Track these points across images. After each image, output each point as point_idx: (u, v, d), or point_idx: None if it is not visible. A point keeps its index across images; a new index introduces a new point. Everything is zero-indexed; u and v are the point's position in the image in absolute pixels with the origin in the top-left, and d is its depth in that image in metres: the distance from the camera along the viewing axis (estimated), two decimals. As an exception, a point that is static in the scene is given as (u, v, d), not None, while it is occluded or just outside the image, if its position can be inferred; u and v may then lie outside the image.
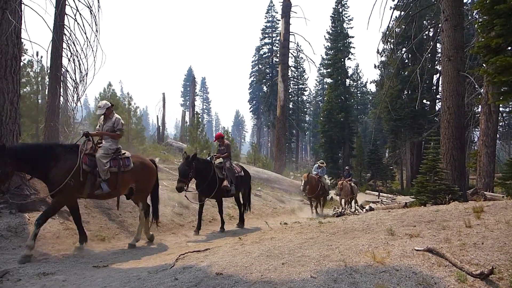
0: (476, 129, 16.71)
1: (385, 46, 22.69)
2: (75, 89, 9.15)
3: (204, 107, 78.02)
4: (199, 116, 22.11)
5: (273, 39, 42.13)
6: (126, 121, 14.34)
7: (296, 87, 40.43)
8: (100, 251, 5.46)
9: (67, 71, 9.41)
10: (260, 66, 43.50)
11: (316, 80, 52.83)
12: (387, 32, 15.76)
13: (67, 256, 4.99)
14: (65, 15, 9.26)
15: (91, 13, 8.28)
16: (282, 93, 23.59)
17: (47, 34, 8.23)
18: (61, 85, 10.05)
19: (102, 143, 5.63)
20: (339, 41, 31.08)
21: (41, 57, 12.54)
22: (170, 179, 11.05)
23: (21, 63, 7.07)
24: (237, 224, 8.73)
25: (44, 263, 4.55)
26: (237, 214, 10.14)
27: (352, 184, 14.79)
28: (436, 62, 24.80)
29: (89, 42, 8.40)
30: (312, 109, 49.42)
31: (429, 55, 21.22)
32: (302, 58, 36.92)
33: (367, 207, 12.19)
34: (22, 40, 6.64)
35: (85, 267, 4.45)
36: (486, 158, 11.75)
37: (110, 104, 5.77)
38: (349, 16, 31.97)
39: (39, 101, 12.18)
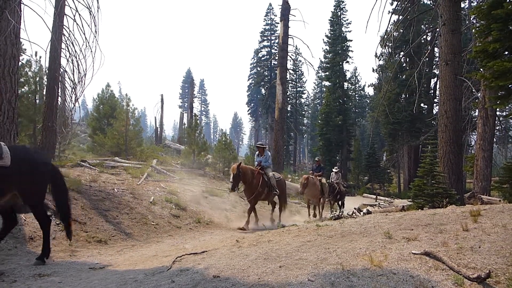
0: (473, 133, 16.78)
1: (383, 50, 22.87)
2: (73, 90, 9.12)
3: (203, 109, 78.05)
4: (197, 118, 22.09)
5: (272, 41, 42.31)
6: (123, 122, 14.26)
7: (295, 89, 40.58)
8: (96, 253, 5.43)
9: (66, 71, 9.40)
10: (258, 69, 43.61)
11: (314, 83, 53.16)
12: (385, 36, 15.83)
13: (63, 258, 4.97)
14: (65, 16, 9.26)
15: (90, 14, 8.27)
16: (280, 95, 23.63)
17: (46, 34, 8.24)
18: (59, 85, 10.04)
19: None
20: (338, 45, 31.26)
21: (40, 57, 12.54)
22: (167, 181, 11.02)
23: (20, 63, 7.06)
24: (37, 258, 4.56)
25: (40, 264, 4.52)
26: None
27: (323, 181, 11.03)
28: (434, 66, 24.97)
29: (88, 42, 8.38)
30: (310, 112, 49.56)
31: (427, 59, 21.30)
32: (300, 61, 37.16)
33: (364, 210, 12.13)
34: (21, 40, 6.65)
35: (81, 268, 4.41)
36: (483, 162, 11.79)
37: None
38: (347, 20, 32.23)
39: (37, 101, 12.10)
